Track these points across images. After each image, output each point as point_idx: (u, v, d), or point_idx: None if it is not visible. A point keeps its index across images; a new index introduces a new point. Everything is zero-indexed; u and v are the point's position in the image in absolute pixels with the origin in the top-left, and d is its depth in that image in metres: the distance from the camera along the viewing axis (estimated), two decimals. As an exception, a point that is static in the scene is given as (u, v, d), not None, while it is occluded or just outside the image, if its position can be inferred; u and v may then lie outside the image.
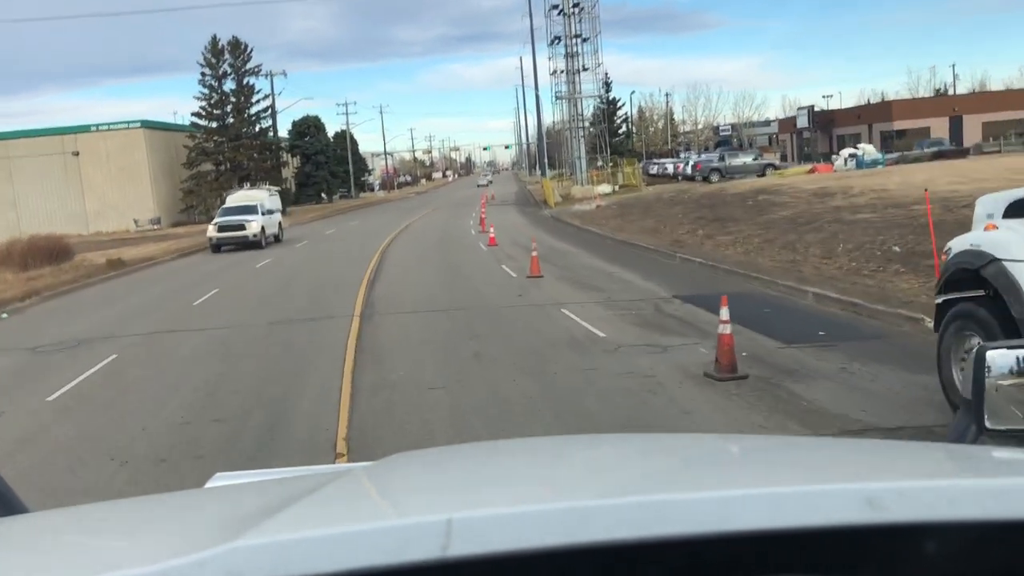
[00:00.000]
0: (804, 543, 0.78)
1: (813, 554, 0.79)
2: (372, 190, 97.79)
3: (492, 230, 24.79)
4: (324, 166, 73.98)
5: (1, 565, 0.90)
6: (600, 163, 52.34)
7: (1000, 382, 1.39)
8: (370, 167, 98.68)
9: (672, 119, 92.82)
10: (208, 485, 1.61)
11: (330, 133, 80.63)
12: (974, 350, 1.45)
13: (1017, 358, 1.41)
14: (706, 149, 71.70)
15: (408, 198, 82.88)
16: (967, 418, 1.42)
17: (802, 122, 65.18)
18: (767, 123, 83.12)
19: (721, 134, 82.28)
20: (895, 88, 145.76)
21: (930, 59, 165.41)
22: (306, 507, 0.90)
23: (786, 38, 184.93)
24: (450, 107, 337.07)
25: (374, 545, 0.73)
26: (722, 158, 47.20)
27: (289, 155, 75.95)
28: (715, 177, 44.75)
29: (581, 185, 49.08)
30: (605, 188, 47.31)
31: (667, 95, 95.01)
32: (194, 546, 0.75)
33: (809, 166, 44.53)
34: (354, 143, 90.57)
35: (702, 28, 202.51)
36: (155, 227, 50.23)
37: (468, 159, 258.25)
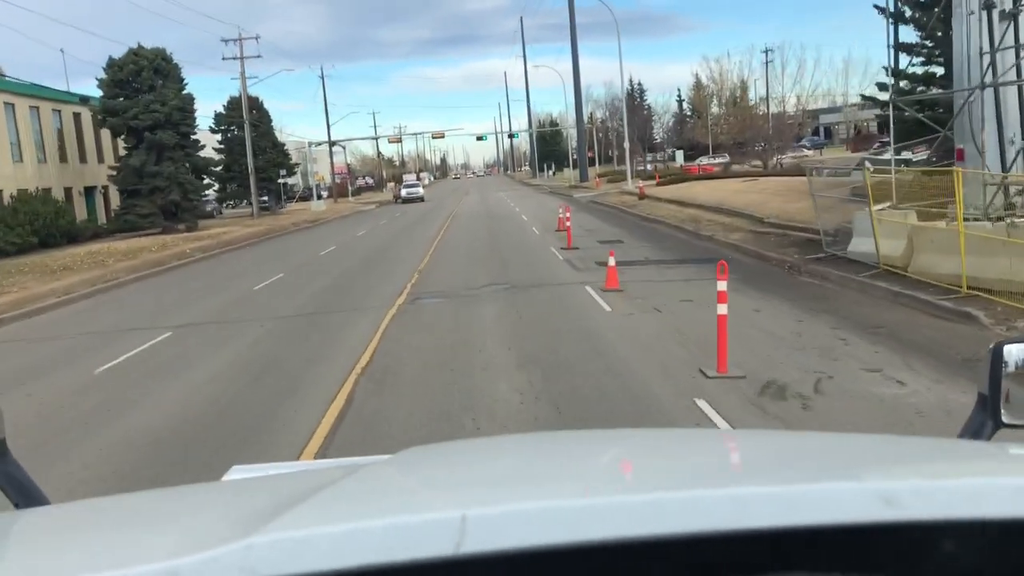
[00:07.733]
0: (820, 541, 0.77)
1: (830, 552, 0.78)
2: (305, 198, 58.89)
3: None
4: (174, 155, 34.71)
5: (19, 558, 0.91)
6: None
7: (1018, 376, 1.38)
8: (294, 161, 58.45)
9: (744, 93, 63.03)
10: (225, 478, 1.58)
11: (215, 103, 41.59)
12: (991, 344, 1.41)
13: None
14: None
15: (364, 211, 46.23)
16: (982, 413, 1.39)
17: None
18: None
19: (822, 120, 69.48)
20: None
21: None
22: (320, 503, 0.90)
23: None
24: (422, 109, 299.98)
25: (387, 542, 0.72)
26: None
27: (103, 131, 36.75)
28: None
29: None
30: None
31: (767, 52, 69.46)
32: (209, 542, 0.75)
33: None
34: (263, 116, 51.44)
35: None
36: None
37: (443, 160, 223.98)
